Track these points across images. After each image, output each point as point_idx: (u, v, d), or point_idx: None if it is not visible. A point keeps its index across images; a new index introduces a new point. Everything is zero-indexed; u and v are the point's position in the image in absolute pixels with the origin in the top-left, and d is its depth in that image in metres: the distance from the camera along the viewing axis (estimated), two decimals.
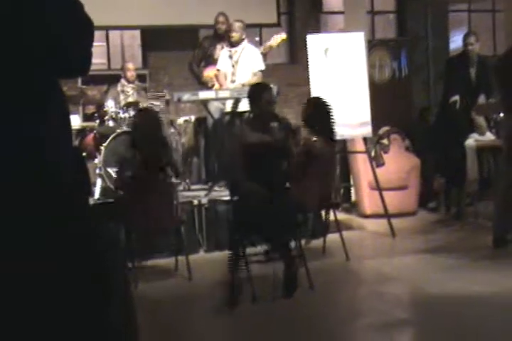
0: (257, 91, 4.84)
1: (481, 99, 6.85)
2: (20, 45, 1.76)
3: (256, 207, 4.40)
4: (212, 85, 7.02)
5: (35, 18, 1.77)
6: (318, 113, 5.35)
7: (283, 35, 7.37)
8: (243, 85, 6.48)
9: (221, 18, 7.27)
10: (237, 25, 6.87)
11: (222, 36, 7.24)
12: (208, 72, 7.20)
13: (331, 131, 5.37)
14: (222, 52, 7.00)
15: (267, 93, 4.80)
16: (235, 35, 6.85)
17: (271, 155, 4.72)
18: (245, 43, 6.94)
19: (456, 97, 6.83)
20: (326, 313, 4.11)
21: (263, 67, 6.87)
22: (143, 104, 7.08)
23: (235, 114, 6.64)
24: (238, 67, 6.81)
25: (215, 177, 7.02)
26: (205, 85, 7.16)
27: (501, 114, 6.14)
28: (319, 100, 5.49)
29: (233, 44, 6.88)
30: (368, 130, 6.68)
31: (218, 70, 6.94)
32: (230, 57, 6.86)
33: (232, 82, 6.79)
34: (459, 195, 6.87)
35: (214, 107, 6.99)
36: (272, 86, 5.83)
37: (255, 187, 4.50)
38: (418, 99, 9.32)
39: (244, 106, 6.28)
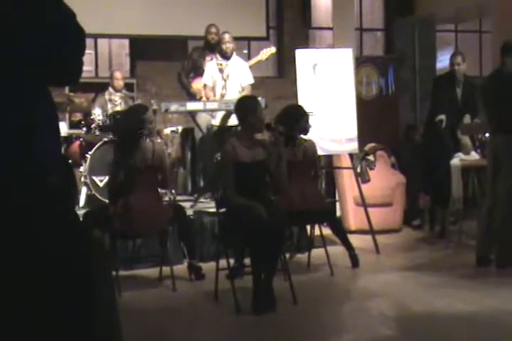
0: (244, 104, 4.84)
1: (467, 118, 6.92)
2: (13, 51, 1.76)
3: (247, 220, 4.39)
4: (201, 97, 7.01)
5: (29, 26, 1.76)
6: (283, 118, 5.39)
7: (272, 49, 7.40)
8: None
9: (213, 29, 7.29)
10: (227, 36, 6.88)
11: (213, 47, 7.25)
12: (197, 84, 7.20)
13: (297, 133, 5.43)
14: (209, 65, 6.95)
15: (254, 105, 4.79)
16: (229, 47, 6.84)
17: (259, 168, 4.72)
18: (235, 56, 6.95)
19: (442, 116, 6.89)
20: (309, 328, 4.10)
21: (252, 81, 6.88)
22: None
23: (224, 127, 6.63)
24: (229, 82, 6.80)
25: (202, 188, 7.01)
26: (193, 97, 7.15)
27: (487, 134, 6.19)
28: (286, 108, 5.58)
29: (225, 56, 6.87)
30: (354, 146, 6.71)
31: (205, 85, 6.91)
32: (221, 70, 6.84)
33: (222, 96, 6.76)
34: (443, 213, 6.91)
35: (202, 118, 6.99)
36: (260, 98, 5.86)
37: (247, 201, 4.50)
38: (404, 116, 9.37)
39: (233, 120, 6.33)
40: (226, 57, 6.87)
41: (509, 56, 5.39)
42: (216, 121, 6.78)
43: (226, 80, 6.80)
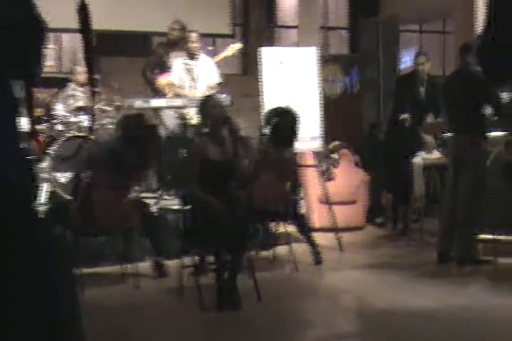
0: (206, 104, 4.83)
1: (430, 117, 7.00)
2: None
3: (209, 217, 4.38)
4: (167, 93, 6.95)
5: None
6: (284, 122, 5.43)
7: (239, 45, 7.39)
8: None
9: (176, 25, 7.23)
10: (194, 35, 6.83)
11: (176, 44, 7.20)
12: (162, 80, 7.15)
13: (292, 141, 5.45)
14: (177, 64, 6.90)
15: (216, 105, 4.80)
16: (196, 46, 6.81)
17: (225, 166, 4.71)
18: (202, 56, 6.91)
19: (406, 115, 6.96)
20: (273, 325, 4.11)
21: (219, 80, 6.87)
22: (93, 109, 6.98)
23: (187, 125, 6.61)
24: (198, 82, 6.77)
25: (166, 185, 6.96)
26: (158, 93, 7.09)
27: (448, 133, 6.27)
28: (284, 109, 5.59)
29: (192, 56, 6.83)
30: (318, 144, 6.74)
31: (172, 82, 6.85)
32: (189, 71, 6.79)
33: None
34: (405, 211, 6.98)
35: (166, 115, 6.94)
36: (225, 96, 5.87)
37: (208, 197, 4.49)
38: (368, 115, 9.45)
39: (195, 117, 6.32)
40: (193, 56, 6.83)
41: (470, 56, 5.43)
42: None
43: (195, 80, 6.77)
